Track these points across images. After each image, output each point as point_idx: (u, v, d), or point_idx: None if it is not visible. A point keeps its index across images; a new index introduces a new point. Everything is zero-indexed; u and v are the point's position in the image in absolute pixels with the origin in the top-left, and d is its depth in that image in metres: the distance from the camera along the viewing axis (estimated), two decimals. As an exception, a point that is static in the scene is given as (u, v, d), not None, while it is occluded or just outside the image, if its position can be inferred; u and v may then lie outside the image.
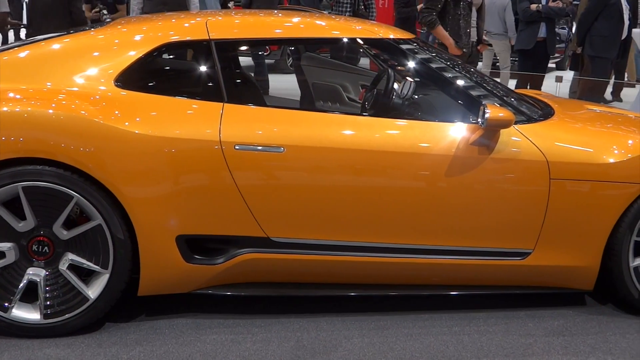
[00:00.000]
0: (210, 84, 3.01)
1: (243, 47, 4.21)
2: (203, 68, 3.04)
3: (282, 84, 5.43)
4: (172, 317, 2.96)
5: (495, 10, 8.54)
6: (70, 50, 2.96)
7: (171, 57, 3.33)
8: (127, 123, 2.70)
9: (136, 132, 2.69)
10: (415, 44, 3.30)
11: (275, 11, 3.98)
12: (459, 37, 5.63)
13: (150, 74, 3.00)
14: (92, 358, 2.63)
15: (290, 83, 4.56)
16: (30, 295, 2.73)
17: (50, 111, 2.65)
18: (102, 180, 2.65)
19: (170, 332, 2.84)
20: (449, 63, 3.32)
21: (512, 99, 3.28)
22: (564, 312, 3.16)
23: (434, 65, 3.19)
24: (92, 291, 2.75)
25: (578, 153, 2.98)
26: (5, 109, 2.63)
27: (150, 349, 2.71)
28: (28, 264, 2.75)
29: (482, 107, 2.88)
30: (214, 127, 2.78)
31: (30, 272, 2.73)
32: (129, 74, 2.87)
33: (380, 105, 3.32)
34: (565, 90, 7.93)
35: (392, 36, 3.24)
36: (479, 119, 2.89)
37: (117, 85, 2.84)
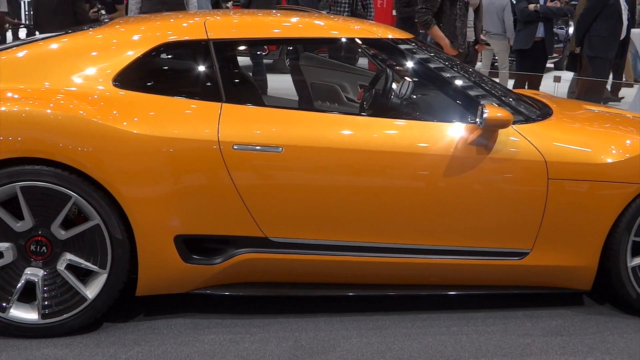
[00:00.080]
0: (208, 84, 3.00)
1: (241, 47, 4.22)
2: (201, 68, 3.03)
3: (280, 83, 5.43)
4: (170, 317, 2.96)
5: (494, 10, 8.54)
6: (69, 50, 2.95)
7: (169, 57, 3.33)
8: (125, 123, 2.70)
9: (134, 132, 2.69)
10: (413, 44, 3.30)
11: (274, 11, 3.98)
12: (454, 38, 5.63)
13: (148, 74, 3.00)
14: (90, 358, 2.63)
15: (288, 83, 4.55)
16: (28, 295, 2.73)
17: (49, 111, 2.65)
18: (100, 180, 2.65)
19: (169, 332, 2.84)
20: (447, 63, 3.32)
21: (511, 99, 3.28)
22: (562, 312, 3.16)
23: (432, 65, 3.19)
24: (90, 291, 2.75)
25: (576, 153, 2.98)
26: (3, 108, 2.63)
27: (149, 349, 2.71)
28: (26, 264, 2.74)
29: (480, 107, 2.88)
30: (212, 127, 2.78)
31: (28, 272, 2.72)
32: (127, 73, 2.87)
33: (379, 105, 3.32)
34: (563, 90, 7.93)
35: (390, 36, 3.24)
36: (477, 119, 2.89)
37: (115, 85, 2.83)
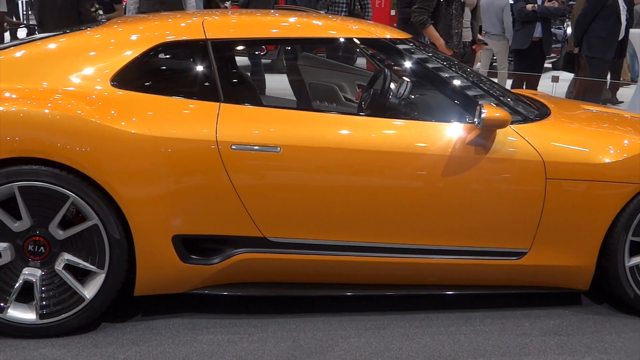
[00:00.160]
0: (206, 84, 3.00)
1: (239, 47, 4.21)
2: (199, 68, 3.03)
3: (279, 83, 5.42)
4: (168, 317, 2.96)
5: (494, 11, 8.56)
6: (67, 50, 2.95)
7: (168, 57, 3.32)
8: (123, 123, 2.69)
9: (132, 132, 2.69)
10: (411, 44, 3.30)
11: (272, 11, 3.98)
12: (449, 38, 5.62)
13: (146, 74, 2.99)
14: (88, 358, 2.62)
15: (287, 83, 4.55)
16: (26, 296, 2.73)
17: (47, 111, 2.65)
18: (98, 180, 2.64)
19: (167, 332, 2.84)
20: (445, 63, 3.32)
21: (509, 99, 3.28)
22: (560, 311, 3.17)
23: (430, 65, 3.19)
24: (88, 291, 2.74)
25: (574, 153, 2.98)
26: (1, 108, 2.63)
27: (147, 349, 2.71)
28: (24, 264, 2.74)
29: (478, 107, 2.88)
30: (210, 127, 2.78)
31: (26, 272, 2.72)
32: (126, 73, 2.86)
33: (377, 105, 3.32)
34: (561, 90, 7.94)
35: (388, 36, 3.24)
36: (475, 119, 2.89)
37: (113, 85, 2.83)
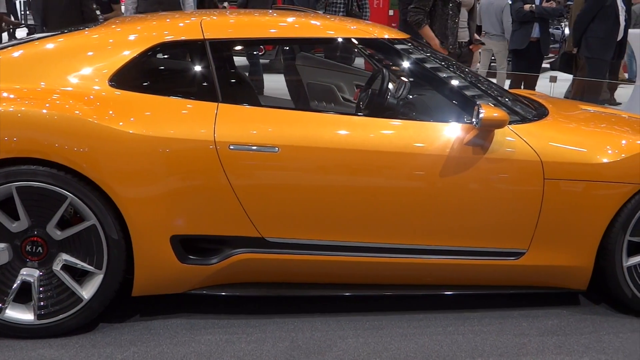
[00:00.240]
0: (204, 84, 3.00)
1: (238, 47, 4.20)
2: (197, 68, 3.03)
3: (277, 83, 5.42)
4: (166, 318, 2.95)
5: (493, 11, 8.59)
6: (64, 50, 2.95)
7: (166, 57, 3.32)
8: (121, 123, 2.69)
9: (130, 132, 2.69)
10: (409, 44, 3.30)
11: (270, 11, 3.98)
12: (444, 38, 5.62)
13: (144, 74, 2.99)
14: (86, 358, 2.62)
15: (285, 83, 4.55)
16: (23, 296, 2.73)
17: (44, 111, 2.64)
18: (96, 181, 2.64)
19: (165, 333, 2.84)
20: (443, 63, 3.32)
21: (507, 99, 3.28)
22: (557, 311, 3.17)
23: (428, 66, 3.19)
24: (86, 292, 2.74)
25: (572, 153, 2.98)
26: (-1, 108, 2.63)
27: (145, 349, 2.71)
28: (22, 264, 2.74)
29: (476, 107, 2.88)
30: (208, 127, 2.77)
31: (24, 273, 2.72)
32: (123, 73, 2.86)
33: (375, 105, 3.32)
34: (559, 90, 7.95)
35: (386, 36, 3.24)
36: (473, 119, 2.89)
37: (111, 85, 2.83)
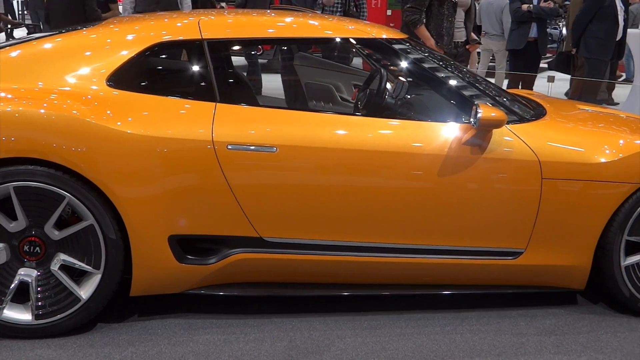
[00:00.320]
0: (202, 84, 3.00)
1: (236, 47, 4.20)
2: (195, 68, 3.03)
3: (275, 83, 5.42)
4: (164, 318, 2.95)
5: (493, 11, 8.62)
6: (62, 50, 2.94)
7: (163, 56, 3.32)
8: (119, 123, 2.69)
9: (128, 132, 2.68)
10: (407, 44, 3.31)
11: (268, 11, 3.98)
12: (440, 38, 5.62)
13: (142, 74, 2.99)
14: (84, 359, 2.62)
15: (283, 83, 4.55)
16: (21, 296, 2.72)
17: (42, 111, 2.64)
18: (94, 180, 2.64)
19: (163, 333, 2.83)
20: (441, 63, 3.32)
21: (505, 99, 3.28)
22: (555, 311, 3.17)
23: (426, 65, 3.19)
24: (84, 291, 2.74)
25: (570, 153, 2.99)
26: (-4, 108, 2.62)
27: (143, 349, 2.70)
28: (19, 264, 2.73)
29: (474, 107, 2.88)
30: (206, 127, 2.77)
31: (22, 273, 2.72)
32: (121, 73, 2.86)
33: (373, 105, 3.33)
34: (557, 90, 7.94)
35: (384, 36, 3.24)
36: (471, 119, 2.90)
37: (109, 85, 2.83)
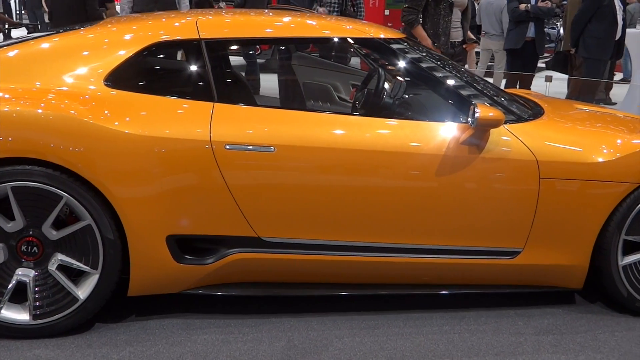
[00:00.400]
0: (200, 84, 3.00)
1: (233, 47, 4.20)
2: (193, 67, 3.03)
3: (273, 83, 5.42)
4: (162, 318, 2.95)
5: (493, 11, 8.63)
6: (60, 50, 2.94)
7: (161, 56, 3.32)
8: (116, 123, 2.69)
9: (126, 131, 2.68)
10: (405, 43, 3.31)
11: (266, 11, 3.98)
12: (437, 37, 5.62)
13: (140, 74, 2.99)
14: (82, 359, 2.62)
15: (281, 82, 4.55)
16: (19, 296, 2.72)
17: (40, 111, 2.64)
18: (91, 180, 2.64)
19: (161, 333, 2.83)
20: (439, 63, 3.32)
21: (502, 99, 3.29)
22: (553, 310, 3.18)
23: (424, 65, 3.19)
24: (82, 292, 2.74)
25: (567, 152, 2.99)
26: (-6, 108, 2.62)
27: (141, 349, 2.70)
28: (17, 264, 2.73)
29: (472, 107, 2.89)
30: (204, 126, 2.77)
31: (19, 273, 2.71)
32: (119, 73, 2.86)
33: (371, 105, 3.33)
34: (555, 90, 7.95)
35: (382, 36, 3.24)
36: (469, 119, 2.90)
37: (106, 85, 2.82)
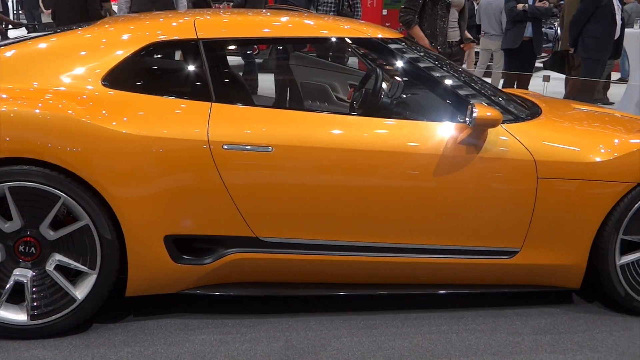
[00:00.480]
0: (198, 84, 2.99)
1: (231, 47, 4.20)
2: (191, 67, 3.02)
3: (270, 83, 5.43)
4: (160, 318, 2.95)
5: (492, 11, 8.65)
6: (57, 50, 2.94)
7: (159, 56, 3.32)
8: (114, 123, 2.68)
9: (124, 131, 2.68)
10: (403, 43, 3.31)
11: (264, 10, 3.98)
12: (434, 38, 5.63)
13: (137, 74, 2.98)
14: (80, 359, 2.61)
15: (279, 82, 4.55)
16: (16, 296, 2.72)
17: (37, 111, 2.63)
18: (89, 180, 2.63)
19: (159, 333, 2.83)
20: (437, 63, 3.32)
21: (500, 99, 3.29)
22: (551, 310, 3.18)
23: (422, 65, 3.19)
24: (80, 292, 2.74)
25: (565, 152, 2.99)
26: (-9, 108, 2.61)
27: (139, 349, 2.70)
28: (15, 264, 2.73)
29: (469, 107, 2.89)
30: (202, 126, 2.77)
31: (17, 273, 2.71)
32: (117, 73, 2.85)
33: (369, 105, 3.33)
34: (552, 90, 7.96)
35: (380, 36, 3.24)
36: (467, 118, 2.90)
37: (104, 85, 2.82)
